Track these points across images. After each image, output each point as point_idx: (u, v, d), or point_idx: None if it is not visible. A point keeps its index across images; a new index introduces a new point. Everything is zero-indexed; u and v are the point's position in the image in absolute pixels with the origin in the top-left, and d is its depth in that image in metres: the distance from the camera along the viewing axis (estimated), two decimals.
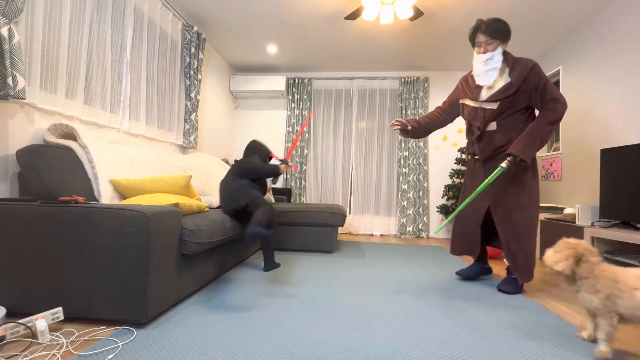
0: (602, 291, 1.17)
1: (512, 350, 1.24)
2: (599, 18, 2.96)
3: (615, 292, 1.15)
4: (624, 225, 2.31)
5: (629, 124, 2.60)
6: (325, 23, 3.33)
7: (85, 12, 2.06)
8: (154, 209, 1.40)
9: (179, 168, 2.53)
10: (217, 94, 4.23)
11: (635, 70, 2.56)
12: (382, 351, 1.20)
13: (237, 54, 4.18)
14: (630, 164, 2.22)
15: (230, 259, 2.26)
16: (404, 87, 4.48)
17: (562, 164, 3.43)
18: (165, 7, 2.87)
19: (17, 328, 1.21)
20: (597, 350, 1.18)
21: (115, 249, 1.32)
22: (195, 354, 1.15)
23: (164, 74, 2.91)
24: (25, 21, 1.69)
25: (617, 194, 2.31)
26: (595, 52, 3.00)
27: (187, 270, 1.67)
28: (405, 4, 2.55)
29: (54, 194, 1.50)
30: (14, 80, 1.51)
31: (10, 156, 1.66)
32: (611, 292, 1.16)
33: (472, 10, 3.02)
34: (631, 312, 1.12)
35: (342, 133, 4.64)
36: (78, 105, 2.02)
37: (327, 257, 2.85)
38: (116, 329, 1.33)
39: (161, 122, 2.90)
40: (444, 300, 1.79)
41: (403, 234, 4.39)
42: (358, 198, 4.56)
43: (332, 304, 1.68)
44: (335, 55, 4.13)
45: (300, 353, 1.17)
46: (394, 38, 3.62)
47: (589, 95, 3.07)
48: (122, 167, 1.89)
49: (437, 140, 4.56)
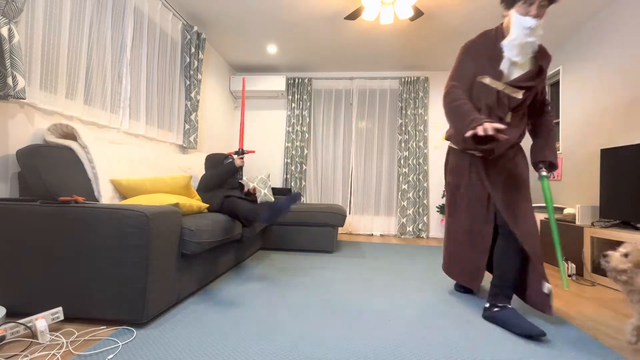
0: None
1: (511, 350, 1.24)
2: (599, 18, 2.96)
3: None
4: (624, 225, 2.31)
5: (629, 124, 2.60)
6: (325, 23, 3.33)
7: (85, 12, 2.06)
8: (154, 209, 1.40)
9: (179, 168, 2.53)
10: (217, 94, 4.23)
11: (636, 70, 2.56)
12: (382, 351, 1.20)
13: (237, 54, 4.18)
14: (630, 164, 2.22)
15: (230, 259, 2.26)
16: (404, 87, 4.48)
17: (562, 164, 3.43)
18: (165, 7, 2.87)
19: (17, 328, 1.21)
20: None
21: (115, 249, 1.32)
22: (195, 354, 1.15)
23: (164, 74, 2.91)
24: (25, 21, 1.69)
25: (617, 194, 2.31)
26: (595, 52, 3.00)
27: (187, 270, 1.67)
28: (405, 4, 2.55)
29: (54, 194, 1.50)
30: (14, 80, 1.51)
31: (10, 156, 1.66)
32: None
33: (472, 10, 3.02)
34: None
35: (342, 133, 4.64)
36: (78, 105, 2.02)
37: (327, 257, 2.85)
38: (116, 329, 1.33)
39: (161, 122, 2.90)
40: (444, 300, 1.79)
41: (403, 234, 4.39)
42: (358, 198, 4.56)
43: (332, 304, 1.68)
44: (335, 55, 4.13)
45: (300, 353, 1.17)
46: (394, 38, 3.62)
47: (589, 95, 3.07)
48: (122, 167, 1.89)
49: (437, 140, 4.56)
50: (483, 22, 3.22)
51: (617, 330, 1.47)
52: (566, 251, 2.64)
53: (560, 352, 1.24)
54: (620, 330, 1.47)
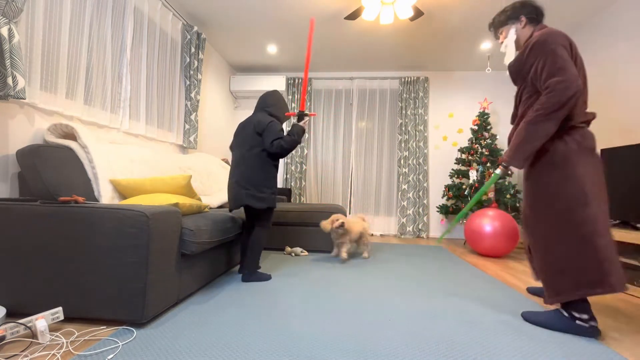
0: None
1: (511, 350, 1.24)
2: (599, 18, 2.96)
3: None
4: (624, 225, 2.31)
5: (629, 124, 2.60)
6: (325, 23, 3.33)
7: (85, 12, 2.06)
8: (154, 209, 1.40)
9: (179, 168, 2.53)
10: (217, 94, 4.23)
11: (636, 70, 2.56)
12: (382, 351, 1.20)
13: (237, 54, 4.19)
14: (630, 164, 2.22)
15: (230, 259, 2.26)
16: (404, 87, 4.48)
17: None
18: (165, 7, 2.87)
19: (17, 328, 1.20)
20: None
21: (115, 249, 1.32)
22: (195, 354, 1.15)
23: (164, 74, 2.91)
24: (25, 21, 1.69)
25: (617, 194, 2.31)
26: (595, 52, 3.00)
27: (187, 270, 1.67)
28: (405, 4, 2.55)
29: (54, 194, 1.50)
30: (14, 80, 1.51)
31: (10, 156, 1.66)
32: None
33: (472, 10, 3.02)
34: None
35: (342, 133, 4.64)
36: (78, 105, 2.02)
37: (327, 257, 2.85)
38: (116, 329, 1.33)
39: (161, 122, 2.90)
40: (444, 300, 1.79)
41: (403, 234, 4.39)
42: (358, 198, 4.56)
43: (332, 304, 1.68)
44: (335, 55, 4.13)
45: (300, 353, 1.17)
46: (394, 38, 3.62)
47: (589, 95, 3.07)
48: (122, 167, 1.89)
49: (437, 140, 4.56)
50: (483, 22, 3.22)
51: (615, 329, 1.47)
52: None
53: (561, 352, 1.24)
54: (621, 330, 1.47)
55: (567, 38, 1.46)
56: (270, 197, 2.01)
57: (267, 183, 2.00)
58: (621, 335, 1.42)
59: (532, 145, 1.47)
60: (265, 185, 1.99)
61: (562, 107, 1.38)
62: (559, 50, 1.42)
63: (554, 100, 1.39)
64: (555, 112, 1.40)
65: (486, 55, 4.00)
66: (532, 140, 1.46)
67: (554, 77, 1.41)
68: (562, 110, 1.39)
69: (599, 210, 1.39)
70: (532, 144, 1.47)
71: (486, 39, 3.58)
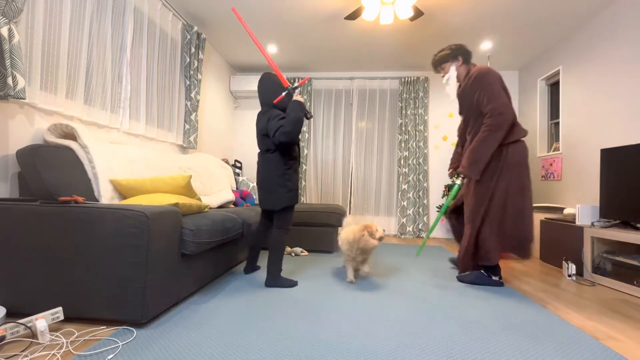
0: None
1: (511, 350, 1.24)
2: (599, 18, 2.96)
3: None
4: (624, 225, 2.31)
5: (629, 124, 2.60)
6: (325, 23, 3.33)
7: (85, 12, 2.06)
8: (154, 209, 1.40)
9: (179, 168, 2.53)
10: (217, 94, 4.23)
11: (635, 70, 2.56)
12: (381, 351, 1.20)
13: (237, 54, 4.19)
14: (630, 164, 2.22)
15: (230, 259, 2.26)
16: (404, 87, 4.48)
17: (562, 164, 3.43)
18: (165, 7, 2.87)
19: (17, 328, 1.21)
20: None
21: (115, 249, 1.32)
22: (195, 354, 1.15)
23: (164, 74, 2.91)
24: (25, 21, 1.69)
25: (617, 194, 2.31)
26: (595, 52, 3.00)
27: (187, 270, 1.67)
28: (405, 4, 2.55)
29: (54, 194, 1.50)
30: (14, 80, 1.51)
31: (10, 156, 1.66)
32: None
33: (471, 10, 3.02)
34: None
35: (342, 133, 4.64)
36: (78, 105, 2.02)
37: (327, 257, 2.85)
38: (116, 329, 1.33)
39: (161, 122, 2.90)
40: (443, 300, 1.79)
41: (403, 234, 4.39)
42: (358, 198, 4.56)
43: (332, 304, 1.68)
44: (335, 55, 4.13)
45: (300, 353, 1.17)
46: (394, 38, 3.62)
47: (589, 95, 3.06)
48: (122, 167, 1.89)
49: (437, 140, 4.56)
50: (482, 22, 3.22)
51: (615, 329, 1.47)
52: (566, 251, 2.64)
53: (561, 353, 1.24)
54: (622, 330, 1.47)
55: (498, 74, 2.02)
56: (285, 196, 1.96)
57: (279, 181, 1.96)
58: (621, 336, 1.42)
59: (485, 159, 1.99)
60: (277, 183, 1.95)
61: (501, 129, 1.95)
62: (496, 84, 1.99)
63: (494, 123, 1.95)
64: (497, 132, 1.95)
65: (486, 56, 4.00)
66: (484, 155, 1.98)
67: (491, 104, 1.96)
68: (501, 131, 1.95)
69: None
70: (484, 159, 1.99)
71: (486, 39, 3.58)
